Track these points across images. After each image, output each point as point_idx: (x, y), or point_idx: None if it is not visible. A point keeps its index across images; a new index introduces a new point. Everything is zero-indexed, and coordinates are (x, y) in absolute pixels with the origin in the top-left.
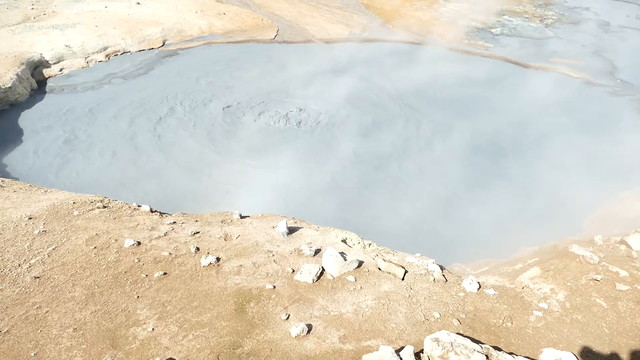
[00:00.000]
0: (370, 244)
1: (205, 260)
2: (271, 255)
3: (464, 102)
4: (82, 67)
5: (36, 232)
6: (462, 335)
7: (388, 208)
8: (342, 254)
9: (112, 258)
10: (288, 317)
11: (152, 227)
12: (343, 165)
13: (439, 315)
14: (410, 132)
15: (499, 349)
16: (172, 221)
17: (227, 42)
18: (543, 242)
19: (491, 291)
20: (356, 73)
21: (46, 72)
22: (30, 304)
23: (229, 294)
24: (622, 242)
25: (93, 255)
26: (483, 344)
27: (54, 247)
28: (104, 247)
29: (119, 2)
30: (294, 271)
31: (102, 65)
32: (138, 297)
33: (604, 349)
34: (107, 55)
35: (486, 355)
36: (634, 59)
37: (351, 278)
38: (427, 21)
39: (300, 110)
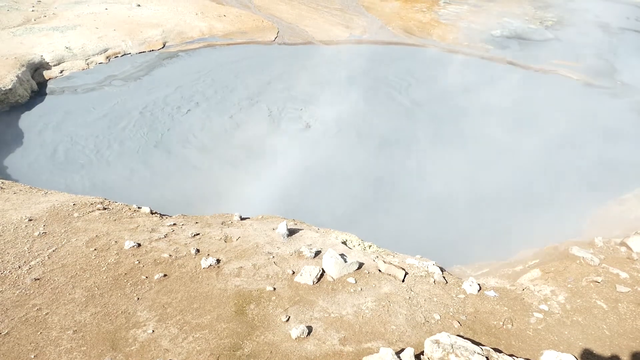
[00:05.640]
0: (370, 246)
1: (205, 262)
2: (271, 257)
3: (464, 104)
4: (83, 69)
5: (36, 233)
6: (462, 337)
7: (388, 210)
8: (342, 255)
9: (112, 260)
10: (288, 319)
11: (152, 229)
12: (344, 167)
13: (439, 317)
14: (410, 135)
15: (500, 351)
16: (172, 223)
17: (228, 44)
18: (543, 244)
19: (491, 293)
20: (356, 74)
21: (46, 74)
22: (30, 305)
23: (229, 295)
24: (623, 244)
25: (93, 257)
26: (483, 345)
27: (54, 248)
28: (104, 249)
29: (119, 4)
30: (294, 273)
31: (103, 67)
32: (138, 299)
33: (605, 351)
34: (107, 57)
35: (486, 357)
36: (634, 60)
37: (351, 280)
38: (427, 23)
39: (302, 111)
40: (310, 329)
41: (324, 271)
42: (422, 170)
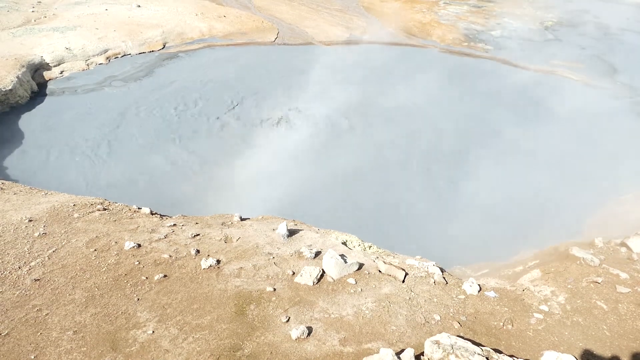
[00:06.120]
0: (370, 246)
1: (205, 263)
2: (271, 257)
3: (463, 105)
4: (83, 70)
5: (36, 234)
6: (462, 337)
7: (389, 210)
8: (342, 256)
9: (113, 260)
10: (288, 320)
11: (152, 230)
12: (344, 168)
13: (439, 318)
14: (410, 135)
15: (500, 352)
16: (172, 223)
17: (228, 45)
18: (543, 245)
19: (492, 293)
20: (357, 75)
21: (47, 74)
22: (30, 306)
23: (229, 296)
24: (623, 244)
25: (93, 258)
26: (484, 346)
27: (54, 249)
28: (104, 250)
29: (119, 5)
30: (294, 273)
31: (103, 68)
32: (138, 299)
33: (605, 351)
34: (107, 58)
35: (487, 358)
36: (634, 61)
37: (351, 280)
38: (427, 23)
39: (302, 112)
40: (310, 329)
41: (324, 272)
42: (421, 171)
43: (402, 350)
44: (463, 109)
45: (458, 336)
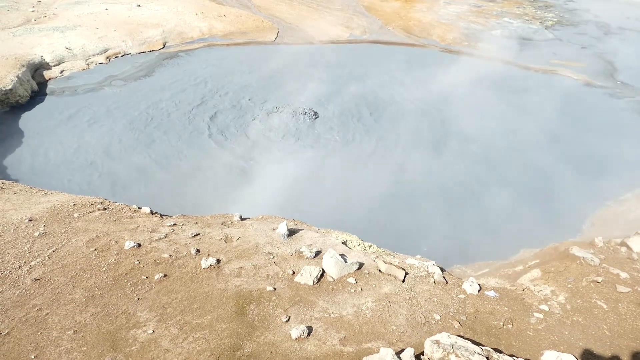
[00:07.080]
0: (370, 246)
1: (205, 262)
2: (271, 257)
3: (463, 105)
4: (83, 69)
5: (36, 234)
6: (462, 337)
7: (388, 210)
8: (342, 255)
9: (113, 260)
10: (288, 319)
11: (152, 229)
12: (344, 167)
13: (439, 317)
14: (409, 135)
15: (500, 351)
16: (172, 223)
17: (228, 44)
18: (543, 244)
19: (492, 293)
20: (357, 75)
21: (47, 74)
22: (31, 306)
23: (229, 296)
24: (623, 244)
25: (93, 257)
26: (484, 346)
27: (54, 249)
28: (104, 249)
29: (119, 5)
30: (294, 273)
31: (103, 67)
32: (138, 299)
33: (605, 351)
34: (107, 57)
35: (487, 357)
36: (634, 60)
37: (352, 280)
38: (427, 23)
39: (302, 112)
40: (310, 329)
41: (324, 271)
42: (421, 171)
43: (402, 350)
44: (461, 111)
45: (458, 336)
